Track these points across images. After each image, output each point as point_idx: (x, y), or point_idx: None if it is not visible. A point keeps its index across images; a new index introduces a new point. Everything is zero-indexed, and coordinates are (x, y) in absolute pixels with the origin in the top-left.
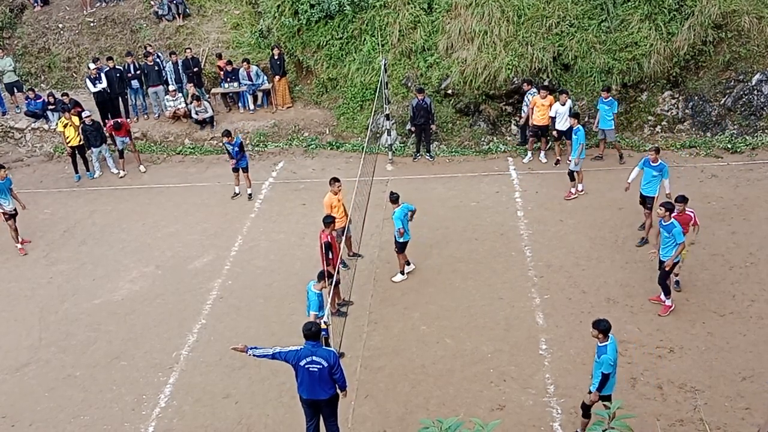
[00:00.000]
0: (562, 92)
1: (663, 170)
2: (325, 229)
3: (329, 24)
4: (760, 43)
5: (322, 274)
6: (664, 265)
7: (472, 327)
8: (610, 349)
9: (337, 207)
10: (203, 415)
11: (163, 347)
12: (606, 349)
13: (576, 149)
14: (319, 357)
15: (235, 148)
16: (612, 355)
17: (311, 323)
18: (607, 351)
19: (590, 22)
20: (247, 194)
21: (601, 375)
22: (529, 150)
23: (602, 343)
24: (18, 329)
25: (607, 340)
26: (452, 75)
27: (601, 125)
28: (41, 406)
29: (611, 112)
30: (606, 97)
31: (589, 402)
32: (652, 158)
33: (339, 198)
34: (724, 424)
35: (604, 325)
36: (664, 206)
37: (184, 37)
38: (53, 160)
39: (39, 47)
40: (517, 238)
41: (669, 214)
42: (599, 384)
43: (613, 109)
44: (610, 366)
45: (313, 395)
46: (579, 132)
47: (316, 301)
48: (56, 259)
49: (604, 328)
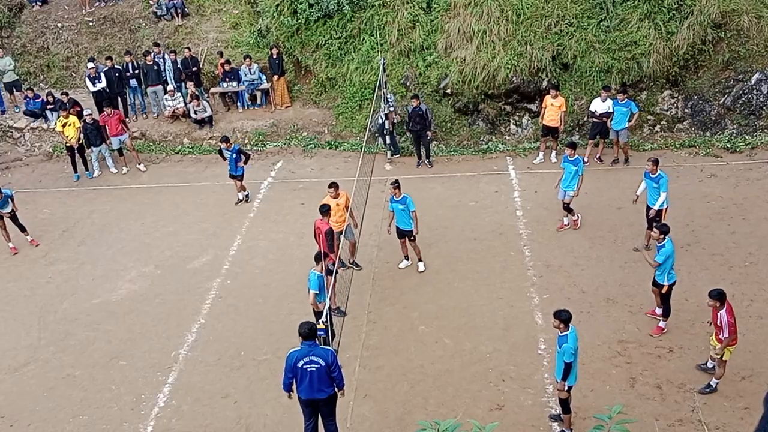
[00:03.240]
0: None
1: (660, 182)
2: (323, 217)
3: (328, 23)
4: (760, 42)
5: (318, 255)
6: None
7: (470, 327)
8: (570, 338)
9: (334, 211)
10: (202, 415)
11: (162, 347)
12: (566, 338)
13: (577, 182)
14: (317, 356)
15: (232, 154)
16: (572, 343)
17: (306, 323)
18: (567, 340)
19: (589, 22)
20: (245, 197)
21: (563, 364)
22: (541, 151)
23: (563, 333)
24: (17, 329)
25: (568, 330)
26: (451, 74)
27: (615, 126)
28: (40, 406)
29: (628, 114)
30: (622, 99)
31: (560, 395)
32: (650, 169)
33: (337, 203)
34: (723, 424)
35: (564, 315)
36: (659, 228)
37: (183, 36)
38: (52, 160)
39: (38, 46)
40: (516, 238)
41: (662, 236)
42: (563, 373)
43: (631, 110)
44: (572, 355)
45: (311, 395)
46: (580, 163)
47: (316, 281)
48: (55, 259)
49: (565, 318)
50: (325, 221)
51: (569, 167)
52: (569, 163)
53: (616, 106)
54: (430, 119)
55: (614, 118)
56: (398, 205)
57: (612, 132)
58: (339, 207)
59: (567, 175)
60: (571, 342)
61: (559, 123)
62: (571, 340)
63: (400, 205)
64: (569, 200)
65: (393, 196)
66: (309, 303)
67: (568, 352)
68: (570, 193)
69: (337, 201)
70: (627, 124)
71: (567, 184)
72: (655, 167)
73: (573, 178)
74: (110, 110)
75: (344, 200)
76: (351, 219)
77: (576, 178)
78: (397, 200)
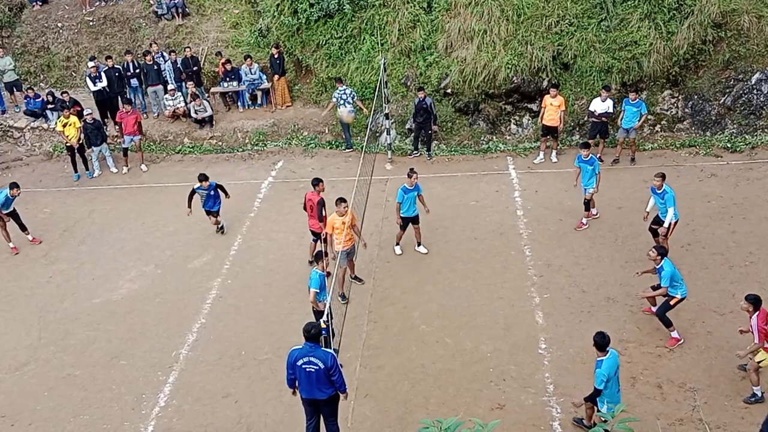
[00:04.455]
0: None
1: (665, 197)
2: (314, 189)
3: (328, 23)
4: (760, 42)
5: (319, 254)
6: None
7: (471, 326)
8: (606, 364)
9: (340, 229)
10: (203, 415)
11: (163, 346)
12: (601, 363)
13: (594, 179)
14: (316, 358)
15: (210, 191)
16: (606, 370)
17: (311, 324)
18: (601, 366)
19: (590, 21)
20: (220, 229)
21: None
22: (542, 151)
23: (599, 357)
24: (17, 328)
25: (605, 354)
26: (452, 74)
27: (624, 125)
28: (41, 406)
29: (639, 113)
30: (633, 98)
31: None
32: (656, 185)
33: (344, 221)
34: (724, 423)
35: (598, 338)
36: (656, 249)
37: (184, 36)
38: (52, 159)
39: (38, 46)
40: (516, 238)
41: (659, 257)
42: (590, 395)
43: (641, 110)
44: (602, 381)
45: (311, 395)
46: (595, 162)
47: (317, 279)
48: (56, 259)
49: (599, 342)
50: (315, 192)
51: (585, 167)
52: (584, 163)
53: (627, 105)
54: (434, 113)
55: (624, 116)
56: (413, 193)
57: (621, 131)
58: (345, 225)
59: (585, 174)
60: (605, 368)
61: (559, 122)
62: (606, 366)
63: (414, 192)
64: (590, 196)
65: (406, 186)
66: (309, 301)
67: (599, 378)
68: (590, 191)
69: (343, 219)
70: (636, 124)
71: (586, 182)
72: (661, 183)
73: (591, 177)
74: (129, 108)
75: (350, 218)
76: (356, 237)
77: (594, 176)
78: (411, 189)
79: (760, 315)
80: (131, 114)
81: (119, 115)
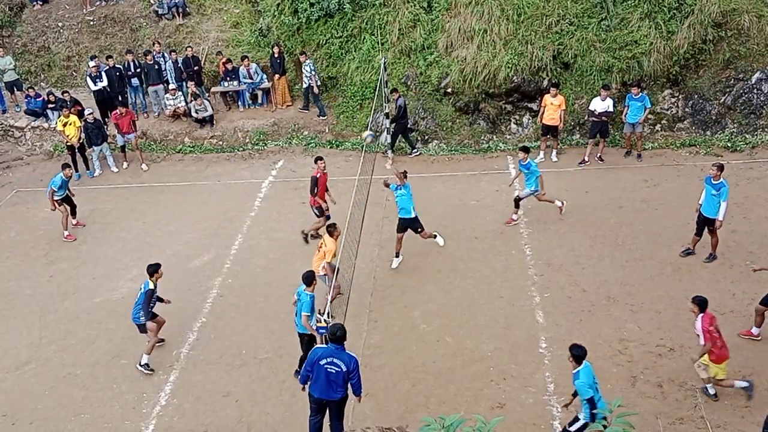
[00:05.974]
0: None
1: (720, 190)
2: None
3: (329, 22)
4: (760, 41)
5: (310, 276)
6: None
7: (472, 325)
8: (582, 374)
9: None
10: (203, 414)
11: (164, 346)
12: (578, 374)
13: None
14: (340, 360)
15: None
16: (585, 378)
17: (337, 326)
18: (579, 376)
19: (590, 21)
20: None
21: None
22: (542, 150)
23: (574, 370)
24: (18, 328)
25: (579, 366)
26: (452, 73)
27: (630, 119)
28: (42, 405)
29: (643, 108)
30: (636, 93)
31: None
32: (713, 174)
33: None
34: (725, 423)
35: (576, 351)
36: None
37: (184, 35)
38: (53, 159)
39: (39, 46)
40: (517, 237)
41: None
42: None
43: (646, 104)
44: (588, 390)
45: (324, 395)
46: (532, 165)
47: (308, 303)
48: (56, 258)
49: (576, 354)
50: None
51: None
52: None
53: (630, 100)
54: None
55: (629, 112)
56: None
57: (627, 126)
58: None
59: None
60: (584, 377)
61: (559, 122)
62: (584, 375)
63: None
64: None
65: (394, 185)
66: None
67: (583, 389)
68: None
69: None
70: (641, 118)
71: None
72: (719, 173)
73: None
74: (124, 110)
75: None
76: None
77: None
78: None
79: (704, 317)
80: (126, 115)
81: (114, 116)
